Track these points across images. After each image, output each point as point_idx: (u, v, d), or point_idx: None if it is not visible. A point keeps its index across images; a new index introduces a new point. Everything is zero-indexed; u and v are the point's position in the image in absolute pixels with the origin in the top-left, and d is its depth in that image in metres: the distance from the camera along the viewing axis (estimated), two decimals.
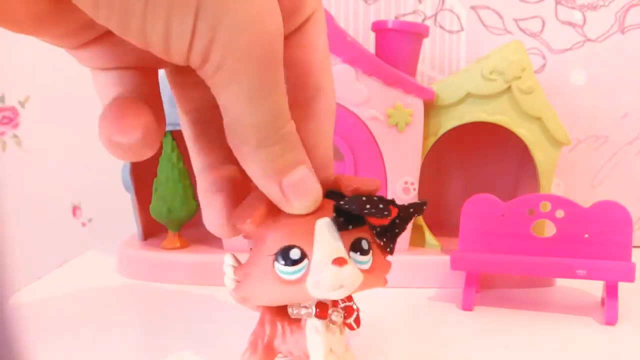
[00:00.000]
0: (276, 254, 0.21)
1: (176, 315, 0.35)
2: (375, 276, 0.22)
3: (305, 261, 0.21)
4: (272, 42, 0.18)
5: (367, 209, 0.21)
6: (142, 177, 0.46)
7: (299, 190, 0.21)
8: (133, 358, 0.29)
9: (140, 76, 0.21)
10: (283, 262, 0.21)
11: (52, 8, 0.18)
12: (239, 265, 0.25)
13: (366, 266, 0.22)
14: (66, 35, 0.19)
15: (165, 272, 0.41)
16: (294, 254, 0.21)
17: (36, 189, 0.63)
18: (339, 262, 0.20)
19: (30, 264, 0.61)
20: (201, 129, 0.23)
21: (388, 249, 0.23)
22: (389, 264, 0.23)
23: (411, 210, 0.23)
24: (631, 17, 0.51)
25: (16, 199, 0.62)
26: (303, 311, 0.23)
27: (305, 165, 0.21)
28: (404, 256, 0.40)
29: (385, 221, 0.22)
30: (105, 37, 0.20)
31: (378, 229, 0.22)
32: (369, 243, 0.22)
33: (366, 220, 0.22)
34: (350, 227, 0.21)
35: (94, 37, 0.20)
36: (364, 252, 0.22)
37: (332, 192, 0.22)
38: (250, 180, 0.21)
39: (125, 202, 0.48)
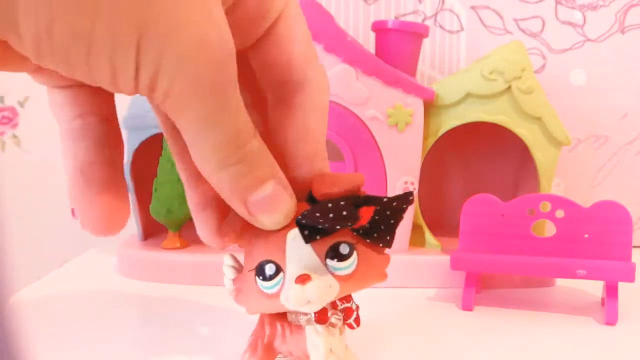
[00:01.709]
0: (255, 269, 0.22)
1: (176, 315, 0.35)
2: (364, 277, 0.22)
3: (281, 275, 0.21)
4: (220, 67, 0.18)
5: (330, 219, 0.20)
6: (142, 177, 0.46)
7: (266, 208, 0.20)
8: (133, 358, 0.29)
9: (96, 94, 0.21)
10: (261, 278, 0.21)
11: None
12: (238, 266, 0.25)
13: (347, 271, 0.21)
14: (20, 68, 0.19)
15: (165, 272, 0.41)
16: (269, 269, 0.21)
17: (36, 189, 0.63)
18: (301, 279, 0.20)
19: (30, 264, 0.61)
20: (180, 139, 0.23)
21: (381, 244, 0.22)
22: (384, 259, 0.23)
23: (394, 203, 0.21)
24: (631, 17, 0.51)
25: (16, 198, 0.62)
26: (302, 317, 0.23)
27: (274, 180, 0.20)
28: (404, 256, 0.40)
29: (362, 222, 0.21)
30: None
31: (361, 230, 0.22)
32: (350, 245, 0.21)
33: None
34: (318, 237, 0.21)
35: None
36: (342, 258, 0.21)
37: (311, 196, 0.22)
38: None
39: None
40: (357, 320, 0.24)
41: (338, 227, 0.20)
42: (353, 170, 0.40)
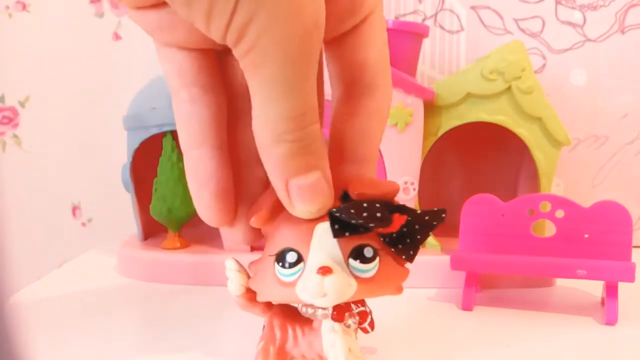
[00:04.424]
0: (276, 255, 0.22)
1: (176, 316, 0.35)
2: (382, 284, 0.22)
3: (301, 265, 0.21)
4: (309, 35, 0.18)
5: (363, 217, 0.20)
6: (142, 177, 0.46)
7: (305, 195, 0.20)
8: (133, 358, 0.29)
9: (197, 63, 0.21)
10: (280, 264, 0.21)
11: None
12: (242, 269, 0.25)
13: (368, 274, 0.21)
14: None
15: (165, 272, 0.41)
16: (291, 257, 0.21)
17: (36, 189, 0.63)
18: (323, 271, 0.20)
19: (30, 264, 0.61)
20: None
21: (404, 257, 0.22)
22: (404, 272, 0.23)
23: (427, 217, 0.22)
24: (631, 17, 0.51)
25: (16, 199, 0.62)
26: (319, 312, 0.23)
27: (321, 172, 0.20)
28: None
29: (392, 229, 0.21)
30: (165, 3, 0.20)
31: (387, 238, 0.22)
32: (374, 250, 0.21)
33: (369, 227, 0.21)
34: (347, 234, 0.21)
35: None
36: (365, 260, 0.21)
37: (346, 195, 0.22)
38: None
39: (125, 202, 0.48)
40: (372, 325, 0.23)
41: (371, 225, 0.20)
42: None
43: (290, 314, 0.25)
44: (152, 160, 0.44)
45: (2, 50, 0.60)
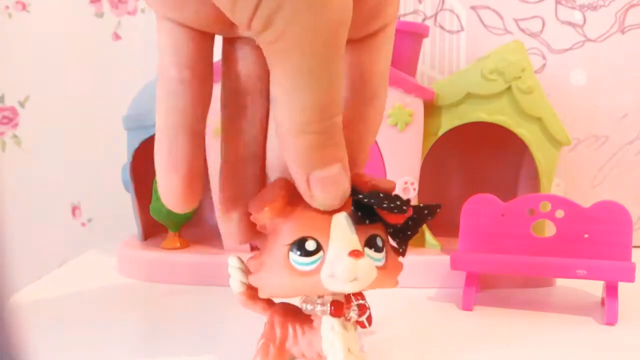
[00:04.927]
0: (291, 245, 0.21)
1: (176, 315, 0.35)
2: (388, 274, 0.22)
3: (321, 253, 0.21)
4: (338, 25, 0.18)
5: (386, 203, 0.21)
6: (142, 177, 0.46)
7: (326, 187, 0.20)
8: (133, 358, 0.29)
9: (195, 45, 0.21)
10: (298, 253, 0.21)
11: None
12: (244, 267, 0.25)
13: (380, 263, 0.22)
14: None
15: (165, 272, 0.41)
16: (310, 245, 0.21)
17: (36, 189, 0.63)
18: (356, 254, 0.20)
19: (30, 264, 0.61)
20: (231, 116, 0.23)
21: (400, 250, 0.23)
22: (400, 265, 0.23)
23: (425, 212, 0.23)
24: (631, 17, 0.51)
25: (16, 199, 0.62)
26: (319, 308, 0.23)
27: (342, 164, 0.20)
28: None
29: (400, 220, 0.22)
30: None
31: (391, 229, 0.22)
32: (383, 241, 0.22)
33: (381, 218, 0.22)
34: (367, 221, 0.21)
35: None
36: (378, 249, 0.22)
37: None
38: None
39: (125, 202, 0.48)
40: (369, 320, 0.23)
41: (395, 211, 0.21)
42: None
43: (291, 313, 0.25)
44: (152, 160, 0.43)
45: (2, 50, 0.60)
